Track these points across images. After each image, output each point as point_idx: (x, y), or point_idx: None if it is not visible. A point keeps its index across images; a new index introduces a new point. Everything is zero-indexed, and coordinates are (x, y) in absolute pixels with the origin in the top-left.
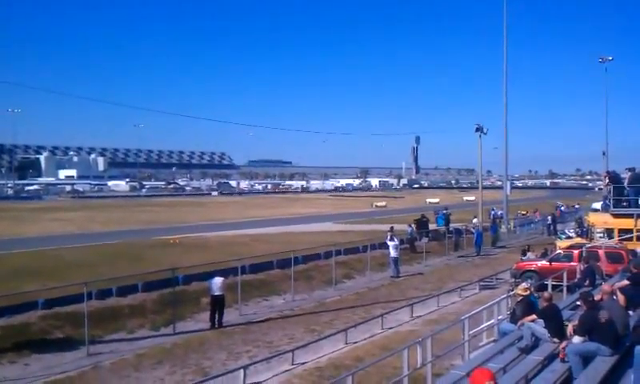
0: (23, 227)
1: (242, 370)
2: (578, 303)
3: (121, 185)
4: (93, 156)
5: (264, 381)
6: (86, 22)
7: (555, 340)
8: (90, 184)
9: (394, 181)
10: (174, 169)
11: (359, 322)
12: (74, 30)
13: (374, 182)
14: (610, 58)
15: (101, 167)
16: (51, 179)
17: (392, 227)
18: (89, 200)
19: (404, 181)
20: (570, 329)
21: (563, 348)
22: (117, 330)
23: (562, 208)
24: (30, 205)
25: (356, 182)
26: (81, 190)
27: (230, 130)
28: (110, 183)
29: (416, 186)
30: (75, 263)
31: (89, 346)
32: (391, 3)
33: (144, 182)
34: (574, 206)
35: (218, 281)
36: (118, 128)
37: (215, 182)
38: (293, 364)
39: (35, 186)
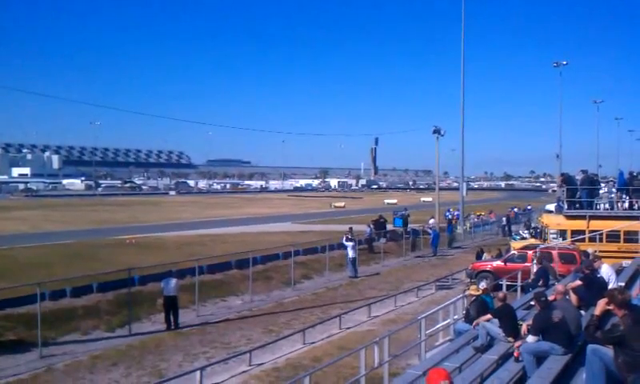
0: None
1: (198, 372)
2: (532, 303)
3: (76, 183)
4: (47, 154)
5: (221, 382)
6: (39, 14)
7: (510, 339)
8: (44, 182)
9: (352, 181)
10: (130, 168)
11: (317, 323)
12: (28, 23)
13: (333, 182)
14: (565, 63)
15: (55, 165)
16: (4, 177)
17: (351, 228)
18: (43, 199)
19: (363, 181)
20: (524, 328)
21: (517, 347)
22: (71, 332)
23: (516, 210)
24: None
25: (315, 183)
26: (34, 188)
27: (189, 128)
28: (65, 182)
29: (374, 186)
30: (28, 263)
31: (42, 347)
32: (348, 4)
33: (100, 181)
34: (526, 208)
35: (171, 281)
36: (74, 125)
37: (173, 182)
38: (250, 365)
39: None
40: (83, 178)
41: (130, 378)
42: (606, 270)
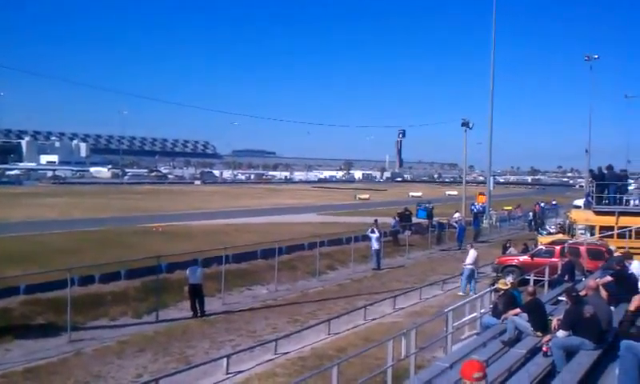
0: (4, 212)
1: (225, 359)
2: (561, 298)
3: (103, 171)
4: (75, 142)
5: (247, 370)
6: (70, 5)
7: (538, 334)
8: (72, 170)
9: (377, 174)
10: (156, 156)
11: (342, 313)
12: (58, 13)
13: (358, 174)
14: (596, 57)
15: (83, 153)
16: (32, 164)
17: (376, 220)
18: (70, 186)
19: (387, 174)
20: (554, 323)
21: (547, 342)
22: (99, 317)
23: (542, 204)
24: (10, 190)
25: (339, 174)
26: (62, 175)
27: (215, 118)
28: (92, 169)
29: (399, 179)
30: (57, 249)
31: (71, 332)
32: None
33: (126, 169)
34: (552, 203)
35: (196, 270)
36: (101, 114)
37: (198, 171)
38: (276, 353)
39: (16, 171)
40: (110, 166)
41: (157, 364)
42: (637, 267)
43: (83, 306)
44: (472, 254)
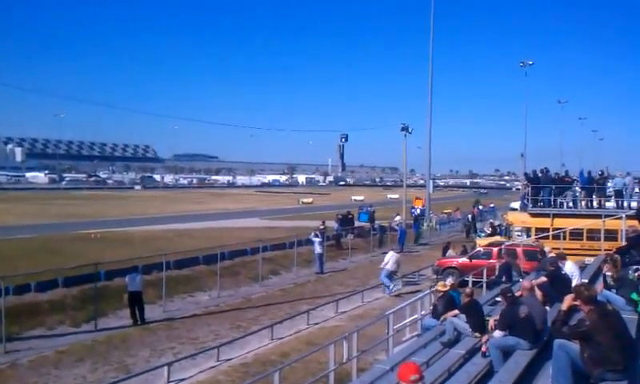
0: None
1: (166, 367)
2: (498, 299)
3: (39, 177)
4: (10, 146)
5: (189, 377)
6: (4, 4)
7: (477, 334)
8: (7, 175)
9: (320, 178)
10: (95, 161)
11: (285, 318)
12: None
13: (301, 178)
14: (531, 63)
15: (18, 158)
16: None
17: (324, 221)
18: (5, 192)
19: (330, 178)
20: (491, 323)
21: (485, 342)
22: (36, 327)
23: (480, 207)
24: None
25: (283, 179)
26: None
27: (155, 122)
28: (28, 175)
29: (342, 183)
30: None
31: (6, 343)
32: (323, 1)
33: (64, 175)
34: (490, 206)
35: (136, 277)
36: (38, 117)
37: (139, 176)
38: (218, 360)
39: None
40: (47, 172)
41: (96, 374)
42: (570, 267)
43: (19, 316)
44: (391, 256)
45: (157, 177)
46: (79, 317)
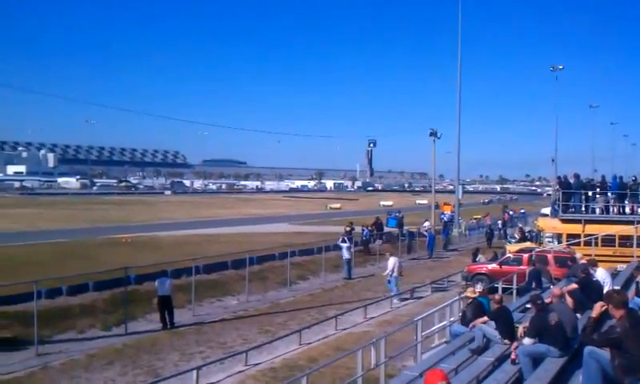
0: None
1: (195, 371)
2: (528, 306)
3: (71, 182)
4: (42, 152)
5: (217, 382)
6: (36, 11)
7: (506, 341)
8: (40, 180)
9: (348, 183)
10: (126, 166)
11: (313, 323)
12: (25, 20)
13: (329, 184)
14: (561, 67)
15: (51, 163)
16: None
17: (351, 222)
18: (38, 197)
19: (358, 183)
20: (520, 331)
21: (514, 349)
22: (67, 330)
23: (511, 212)
24: None
25: (311, 184)
26: (30, 186)
27: (185, 128)
28: (60, 180)
29: (370, 188)
30: (24, 261)
31: (38, 345)
32: (345, 5)
33: (95, 180)
34: (521, 211)
35: (165, 281)
36: (69, 124)
37: (168, 181)
38: (246, 365)
39: None
40: (78, 177)
41: (126, 377)
42: (601, 274)
43: (50, 319)
44: (394, 262)
45: (186, 182)
46: (109, 320)
